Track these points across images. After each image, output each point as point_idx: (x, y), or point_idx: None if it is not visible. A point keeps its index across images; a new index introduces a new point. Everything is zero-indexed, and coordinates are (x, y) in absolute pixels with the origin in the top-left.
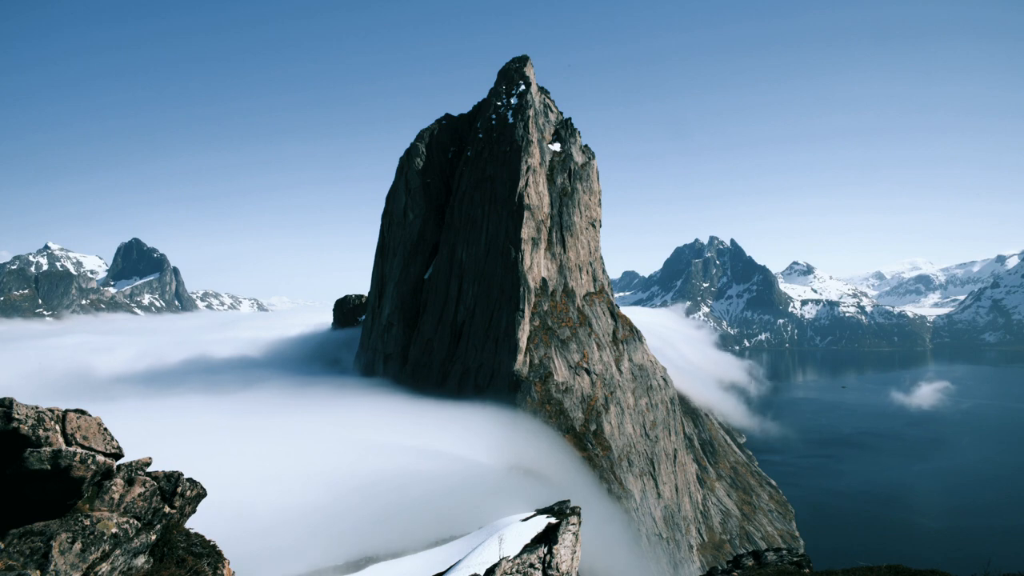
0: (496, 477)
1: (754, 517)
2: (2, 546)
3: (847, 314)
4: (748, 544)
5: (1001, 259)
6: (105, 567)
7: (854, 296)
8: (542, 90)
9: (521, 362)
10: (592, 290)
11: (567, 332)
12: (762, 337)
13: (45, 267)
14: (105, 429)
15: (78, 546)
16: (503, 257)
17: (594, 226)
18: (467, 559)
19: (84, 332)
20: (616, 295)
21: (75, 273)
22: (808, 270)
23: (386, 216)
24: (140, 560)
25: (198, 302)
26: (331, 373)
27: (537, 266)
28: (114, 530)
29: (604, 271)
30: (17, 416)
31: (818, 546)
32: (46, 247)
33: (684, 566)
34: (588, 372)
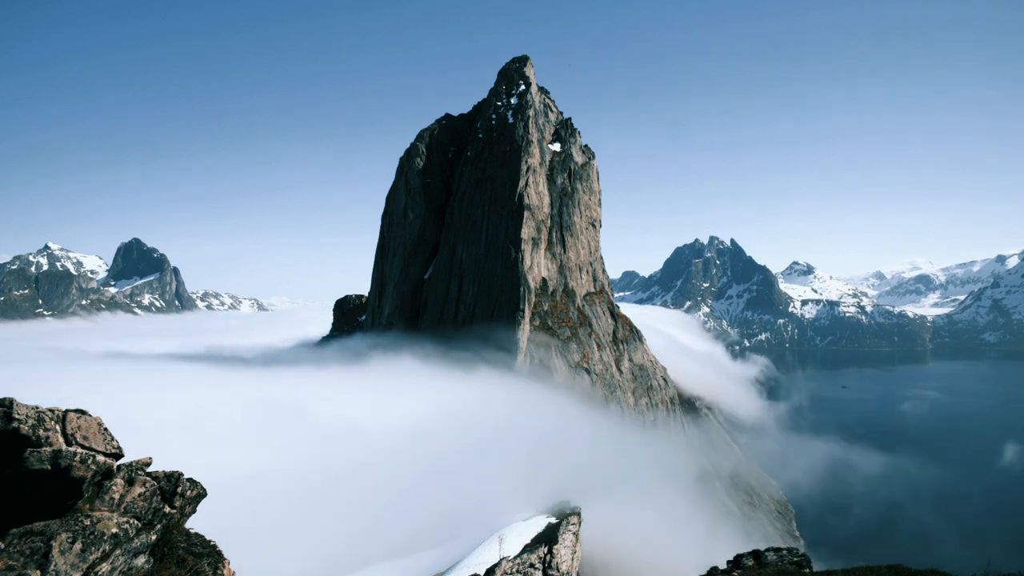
0: (502, 461)
1: (754, 517)
2: (2, 546)
3: (847, 314)
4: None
5: (1001, 259)
6: (105, 567)
7: (854, 296)
8: (542, 90)
9: (521, 362)
10: (592, 290)
11: (567, 332)
12: (762, 337)
13: (45, 267)
14: (105, 429)
15: (78, 546)
16: (503, 257)
17: (594, 226)
18: (467, 559)
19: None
20: (616, 295)
21: (75, 273)
22: (808, 270)
23: (386, 216)
24: (140, 560)
25: (198, 302)
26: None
27: (537, 266)
28: (114, 530)
29: (604, 271)
30: (17, 416)
31: (818, 546)
32: (46, 247)
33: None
34: (588, 372)
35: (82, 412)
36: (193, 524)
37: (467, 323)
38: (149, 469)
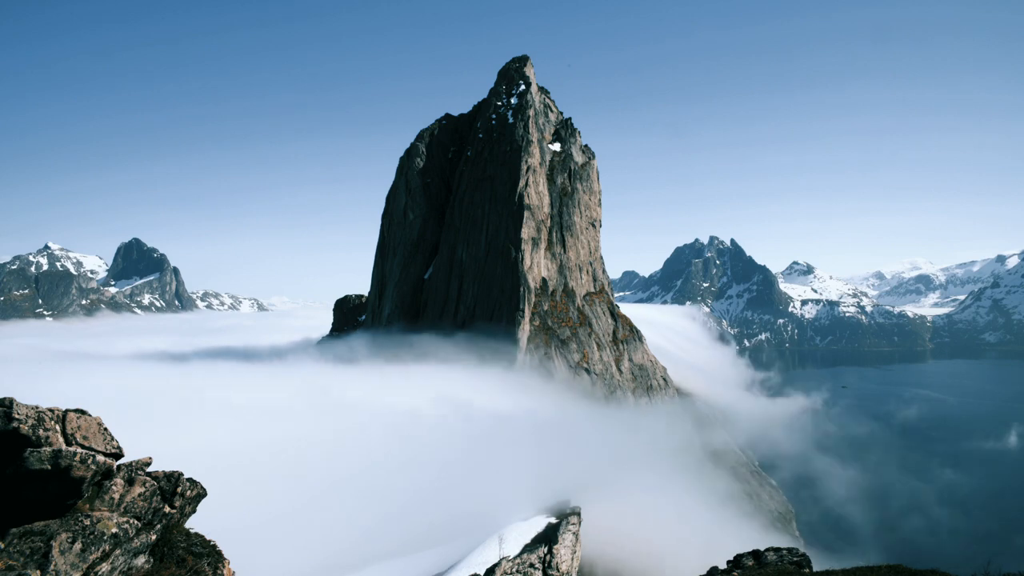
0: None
1: (754, 516)
2: (2, 546)
3: (847, 314)
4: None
5: (1001, 259)
6: (105, 567)
7: (854, 296)
8: (542, 90)
9: (521, 362)
10: (592, 290)
11: (567, 332)
12: (762, 337)
13: (45, 267)
14: (105, 429)
15: (78, 546)
16: (503, 257)
17: (594, 226)
18: (467, 559)
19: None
20: (616, 295)
21: (75, 273)
22: (808, 270)
23: (386, 216)
24: (140, 560)
25: (198, 302)
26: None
27: (537, 266)
28: (114, 530)
29: (604, 271)
30: (17, 416)
31: (818, 546)
32: (46, 247)
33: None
34: (588, 372)
35: (82, 412)
36: (193, 524)
37: (467, 323)
38: (149, 469)
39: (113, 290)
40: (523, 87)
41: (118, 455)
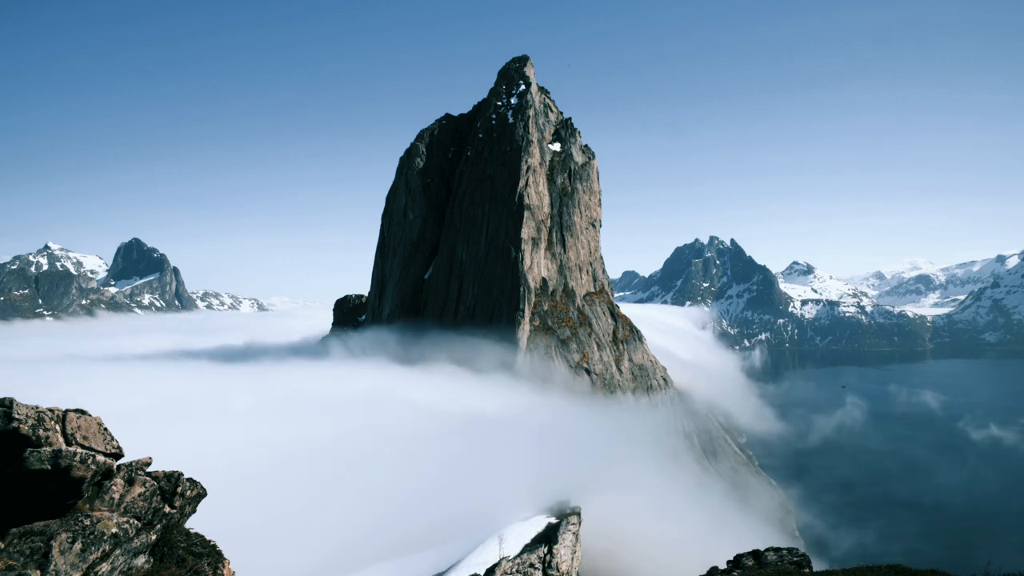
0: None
1: (754, 517)
2: (2, 546)
3: (847, 314)
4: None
5: (1001, 259)
6: (105, 567)
7: (854, 296)
8: (542, 90)
9: (521, 362)
10: (592, 290)
11: (567, 332)
12: (762, 337)
13: (45, 267)
14: (105, 429)
15: (78, 546)
16: (503, 257)
17: (594, 226)
18: (467, 559)
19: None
20: (616, 295)
21: (75, 273)
22: (808, 270)
23: (386, 216)
24: (140, 560)
25: (198, 302)
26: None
27: (537, 266)
28: (114, 530)
29: (604, 271)
30: (17, 416)
31: (818, 546)
32: (46, 247)
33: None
34: (588, 372)
35: (82, 412)
36: (193, 524)
37: (467, 323)
38: (149, 469)
39: (113, 290)
40: (523, 87)
41: (118, 455)
